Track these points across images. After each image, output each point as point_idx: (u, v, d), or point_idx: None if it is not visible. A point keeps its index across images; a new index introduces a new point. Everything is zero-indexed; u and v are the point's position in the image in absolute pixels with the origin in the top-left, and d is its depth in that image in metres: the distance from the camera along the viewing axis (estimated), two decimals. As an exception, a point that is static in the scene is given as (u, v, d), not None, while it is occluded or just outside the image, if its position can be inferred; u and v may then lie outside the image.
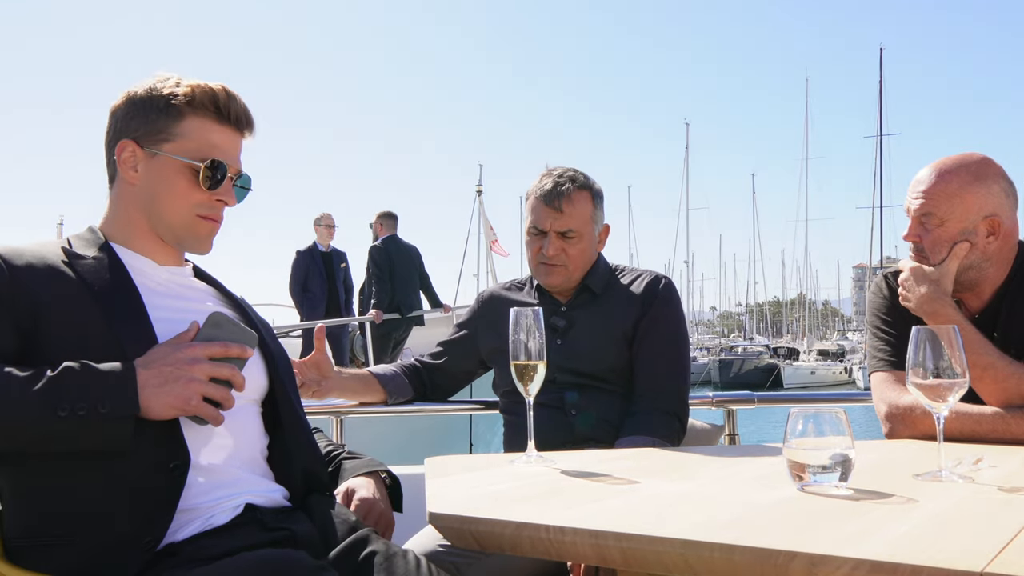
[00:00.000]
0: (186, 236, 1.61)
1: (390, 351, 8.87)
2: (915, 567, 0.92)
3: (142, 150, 1.56)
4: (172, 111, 1.56)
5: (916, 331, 1.47)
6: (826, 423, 1.33)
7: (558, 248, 2.33)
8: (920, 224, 1.99)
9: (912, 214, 2.00)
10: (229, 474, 1.48)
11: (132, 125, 1.57)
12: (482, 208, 13.66)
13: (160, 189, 1.56)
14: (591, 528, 1.14)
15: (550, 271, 2.36)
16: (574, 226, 2.33)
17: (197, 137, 1.57)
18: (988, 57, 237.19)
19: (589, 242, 2.38)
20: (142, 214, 1.58)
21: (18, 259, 1.42)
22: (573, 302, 2.41)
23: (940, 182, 1.95)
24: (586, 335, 2.34)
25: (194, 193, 1.57)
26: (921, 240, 1.99)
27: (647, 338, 2.31)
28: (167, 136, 1.56)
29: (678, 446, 2.25)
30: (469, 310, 2.62)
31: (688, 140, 70.17)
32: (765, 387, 38.64)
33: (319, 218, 8.89)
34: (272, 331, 1.78)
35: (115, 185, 1.61)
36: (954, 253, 1.93)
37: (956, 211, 1.93)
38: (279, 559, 1.27)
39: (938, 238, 1.96)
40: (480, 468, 1.73)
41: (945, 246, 1.95)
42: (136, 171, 1.57)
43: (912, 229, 2.01)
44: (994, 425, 1.82)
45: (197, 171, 1.56)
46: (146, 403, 1.33)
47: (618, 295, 2.39)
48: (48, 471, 1.36)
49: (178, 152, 1.56)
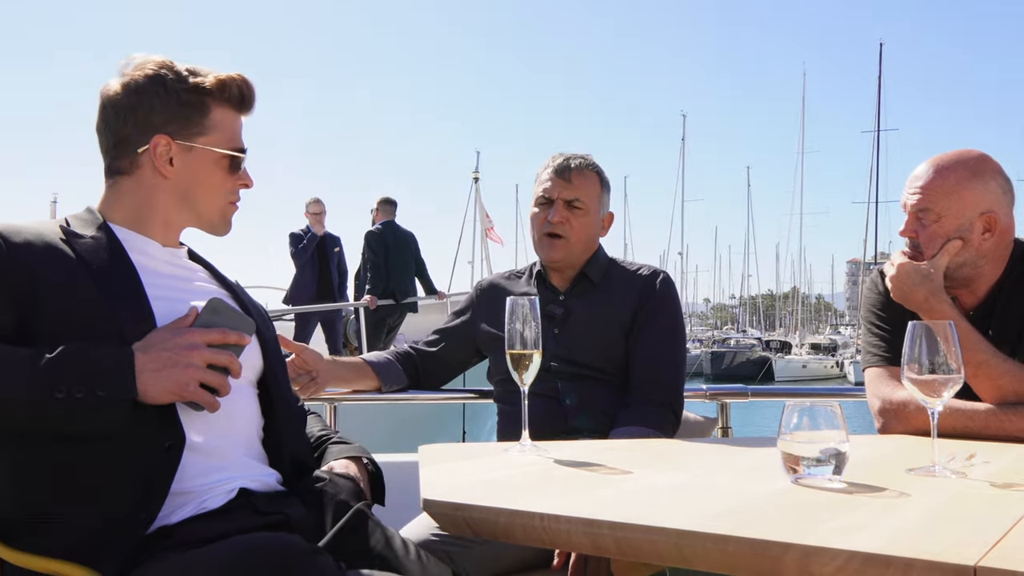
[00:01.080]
0: (219, 221, 1.67)
1: (383, 337, 8.87)
2: (908, 560, 0.92)
3: (176, 144, 1.57)
4: (202, 105, 1.58)
5: (912, 326, 1.47)
6: (821, 417, 1.33)
7: (564, 216, 2.34)
8: (917, 220, 1.99)
9: (909, 210, 2.00)
10: (224, 456, 1.48)
11: (159, 120, 1.56)
12: (479, 195, 13.67)
13: (199, 180, 1.60)
14: (586, 516, 1.14)
15: (553, 243, 2.36)
16: (582, 196, 2.35)
17: (224, 127, 1.61)
18: (987, 54, 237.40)
19: (594, 220, 2.39)
20: (175, 204, 1.60)
21: (16, 236, 1.42)
22: (571, 291, 2.41)
23: (937, 178, 1.95)
24: (583, 325, 2.34)
25: (227, 181, 1.63)
26: (917, 236, 1.99)
27: (644, 329, 2.32)
28: (200, 129, 1.59)
29: (672, 438, 2.26)
30: (467, 298, 2.62)
31: (684, 132, 70.13)
32: (757, 380, 38.79)
33: (309, 203, 8.88)
34: (266, 314, 1.79)
35: (132, 176, 1.59)
36: (945, 249, 1.94)
37: (953, 207, 1.94)
38: (272, 543, 1.27)
39: (934, 234, 1.96)
40: (474, 456, 1.74)
41: (940, 242, 1.95)
42: (172, 165, 1.58)
43: (909, 225, 2.01)
44: (987, 421, 1.82)
45: (229, 161, 1.62)
46: (143, 388, 1.34)
47: (616, 286, 2.39)
48: (41, 450, 1.36)
49: (213, 144, 1.60)
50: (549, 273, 2.44)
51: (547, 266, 2.44)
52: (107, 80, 1.59)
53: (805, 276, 79.45)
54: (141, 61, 1.58)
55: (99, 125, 1.60)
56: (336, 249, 8.87)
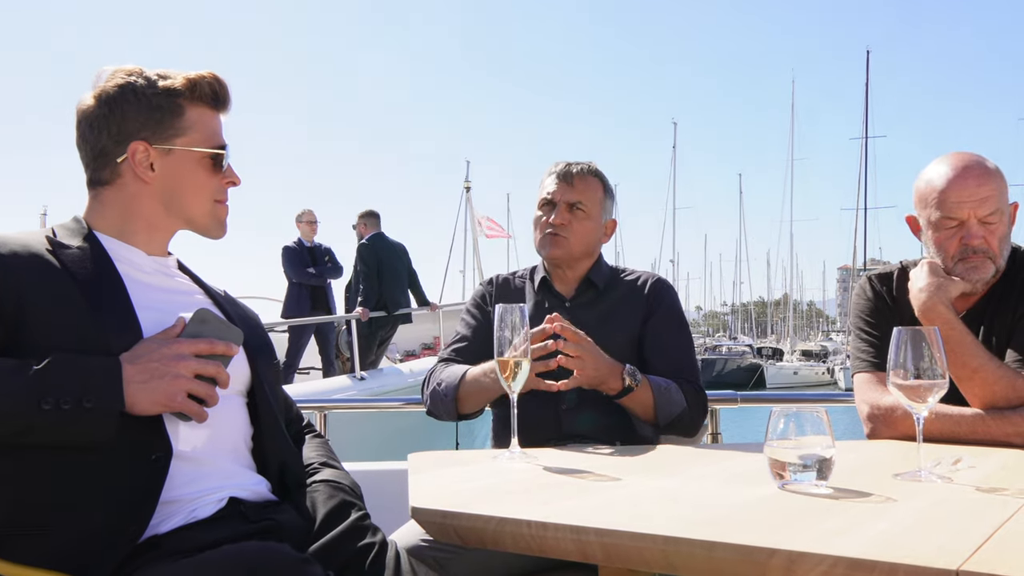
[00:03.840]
0: (210, 223, 1.66)
1: (375, 349, 8.86)
2: (892, 564, 0.93)
3: (154, 149, 1.57)
4: (175, 107, 1.58)
5: (898, 332, 1.48)
6: (807, 423, 1.34)
7: (565, 219, 2.34)
8: (984, 226, 1.94)
9: (976, 216, 1.94)
10: (212, 464, 1.48)
11: (134, 126, 1.56)
12: (470, 204, 13.66)
13: (182, 182, 1.60)
14: (573, 524, 1.15)
15: (553, 240, 2.35)
16: (584, 200, 2.35)
17: (200, 127, 1.61)
18: (974, 62, 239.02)
19: (595, 225, 2.39)
20: (161, 209, 1.60)
21: (2, 248, 1.42)
22: (577, 299, 2.40)
23: (990, 179, 1.94)
24: (591, 332, 2.31)
25: (211, 180, 1.62)
26: (988, 242, 1.95)
27: (658, 331, 2.33)
28: (176, 131, 1.58)
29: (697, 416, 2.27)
30: (481, 293, 2.54)
31: (675, 139, 70.45)
32: (748, 387, 38.80)
33: (300, 214, 8.87)
34: (257, 322, 1.78)
35: (114, 186, 1.59)
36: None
37: (1005, 202, 1.97)
38: (261, 552, 1.27)
39: (1002, 234, 1.97)
40: (463, 463, 1.74)
41: (1005, 239, 1.97)
42: (152, 170, 1.58)
43: (976, 232, 1.94)
44: (973, 426, 1.83)
45: (211, 159, 1.61)
46: (131, 399, 1.34)
47: (622, 294, 2.40)
48: (29, 461, 1.35)
49: (192, 144, 1.59)
50: (553, 279, 2.44)
51: (550, 269, 2.44)
52: (81, 95, 1.60)
53: (796, 283, 79.72)
54: (111, 73, 1.59)
55: (78, 141, 1.60)
56: (327, 259, 8.87)
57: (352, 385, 8.05)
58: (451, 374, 2.27)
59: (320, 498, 1.60)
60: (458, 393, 2.22)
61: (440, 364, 2.39)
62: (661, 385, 2.17)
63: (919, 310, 1.94)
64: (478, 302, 2.51)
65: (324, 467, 1.71)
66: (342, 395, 7.56)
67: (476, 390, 2.20)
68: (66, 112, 1.64)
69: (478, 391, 2.20)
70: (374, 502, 1.73)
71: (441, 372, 2.32)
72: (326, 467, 1.72)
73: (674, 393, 2.19)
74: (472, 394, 2.22)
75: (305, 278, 8.63)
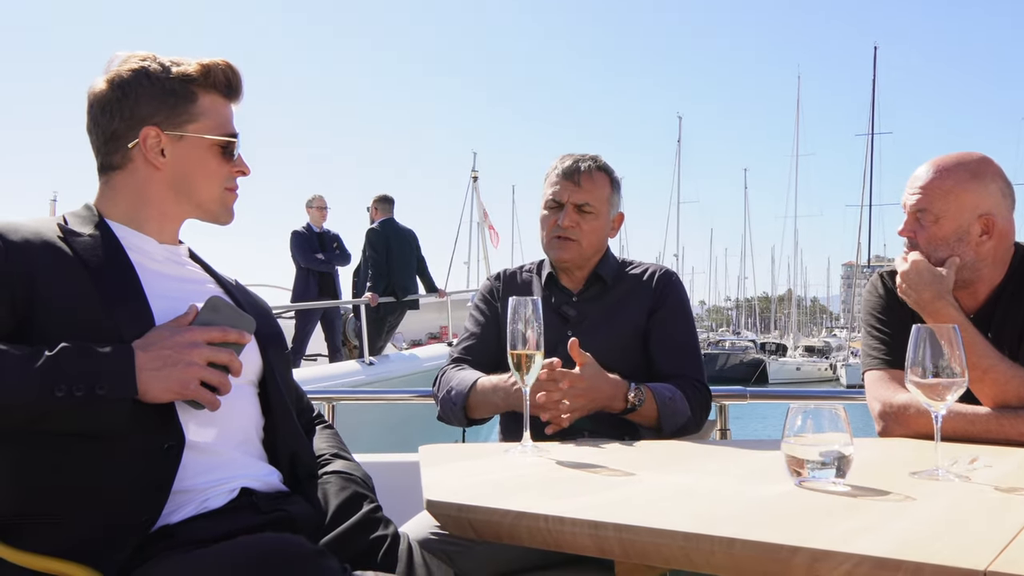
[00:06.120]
0: (219, 210, 1.65)
1: (383, 335, 8.84)
2: (918, 564, 0.92)
3: (166, 134, 1.56)
4: (188, 93, 1.57)
5: (916, 329, 1.47)
6: (825, 419, 1.33)
7: (573, 220, 2.31)
8: (916, 220, 1.99)
9: (908, 210, 2.00)
10: (224, 455, 1.47)
11: (146, 111, 1.55)
12: (477, 193, 13.64)
13: (192, 169, 1.59)
14: (591, 519, 1.14)
15: (563, 244, 2.33)
16: (591, 200, 2.33)
17: (212, 114, 1.60)
18: (981, 58, 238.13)
19: (604, 222, 2.37)
20: (171, 195, 1.59)
21: (14, 234, 1.41)
22: (584, 293, 2.39)
23: (937, 179, 1.95)
24: (599, 327, 2.30)
25: (221, 168, 1.62)
26: (916, 236, 1.99)
27: (663, 325, 2.32)
28: (188, 117, 1.57)
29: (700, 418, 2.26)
30: (488, 288, 2.52)
31: (680, 133, 70.21)
32: (750, 382, 38.76)
33: (311, 200, 8.85)
34: (268, 311, 1.78)
35: (125, 171, 1.58)
36: (950, 262, 1.94)
37: (951, 208, 1.94)
38: (278, 544, 1.26)
39: (933, 235, 1.96)
40: (475, 457, 1.73)
41: (940, 244, 1.95)
42: (163, 156, 1.57)
43: (908, 225, 2.01)
44: (988, 425, 1.82)
45: (222, 147, 1.61)
46: (144, 386, 1.33)
47: (629, 288, 2.38)
48: (41, 450, 1.34)
49: (203, 131, 1.59)
50: (559, 274, 2.43)
51: (557, 267, 2.43)
52: (93, 80, 1.59)
53: (800, 278, 79.59)
54: (125, 57, 1.58)
55: (89, 125, 1.59)
56: (335, 245, 8.84)
57: (361, 370, 8.05)
58: (461, 381, 2.26)
59: (332, 490, 1.60)
60: (467, 403, 2.22)
61: (451, 366, 2.38)
62: (666, 397, 2.15)
63: (926, 315, 1.92)
64: (486, 297, 2.50)
65: (336, 458, 1.71)
66: (351, 379, 7.59)
67: (484, 403, 2.20)
68: (76, 97, 1.63)
69: (486, 404, 2.21)
70: (383, 494, 1.72)
71: (452, 377, 2.31)
72: (337, 458, 1.71)
73: (679, 403, 2.17)
74: (481, 404, 2.22)
75: (313, 263, 8.60)
